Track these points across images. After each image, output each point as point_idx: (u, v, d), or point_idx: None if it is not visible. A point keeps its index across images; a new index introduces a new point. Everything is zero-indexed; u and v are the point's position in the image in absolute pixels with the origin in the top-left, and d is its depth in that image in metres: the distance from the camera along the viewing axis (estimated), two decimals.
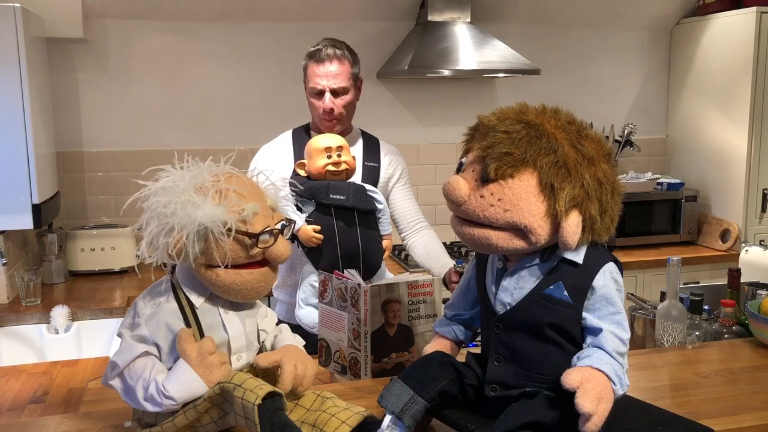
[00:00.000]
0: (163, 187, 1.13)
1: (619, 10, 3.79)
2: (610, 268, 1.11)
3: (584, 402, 0.98)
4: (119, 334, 1.17)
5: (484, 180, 1.07)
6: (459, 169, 1.14)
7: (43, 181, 2.68)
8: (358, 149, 2.22)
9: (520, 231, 1.07)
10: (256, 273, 1.15)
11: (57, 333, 2.50)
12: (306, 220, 1.94)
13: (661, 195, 3.65)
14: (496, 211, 1.06)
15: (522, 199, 1.05)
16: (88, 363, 2.02)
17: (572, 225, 1.05)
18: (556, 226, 1.06)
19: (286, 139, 2.23)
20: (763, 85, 3.45)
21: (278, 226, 1.17)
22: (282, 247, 1.16)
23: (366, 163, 2.20)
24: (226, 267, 1.12)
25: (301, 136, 2.20)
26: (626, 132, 3.87)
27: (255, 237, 1.12)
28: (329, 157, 1.94)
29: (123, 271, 3.12)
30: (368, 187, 2.03)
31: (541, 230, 1.06)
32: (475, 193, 1.08)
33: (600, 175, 1.07)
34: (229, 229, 1.10)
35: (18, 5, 2.49)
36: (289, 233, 1.20)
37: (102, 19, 3.18)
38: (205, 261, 1.13)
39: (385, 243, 2.05)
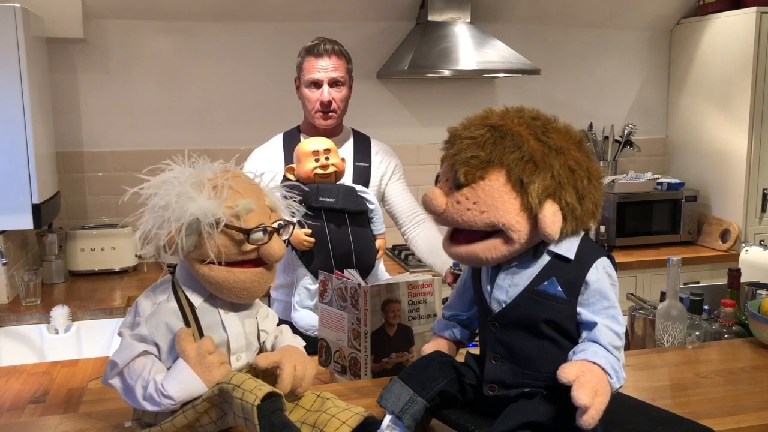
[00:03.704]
0: (163, 181, 1.14)
1: (619, 10, 3.79)
2: (603, 262, 1.11)
3: (580, 395, 0.98)
4: (120, 333, 1.17)
5: (457, 186, 1.09)
6: (437, 181, 1.16)
7: (43, 181, 2.68)
8: (348, 149, 2.22)
9: (501, 236, 1.08)
10: (249, 272, 1.15)
11: (57, 333, 2.50)
12: (297, 222, 1.94)
13: (661, 195, 3.65)
14: (474, 214, 1.08)
15: (495, 198, 1.07)
16: (88, 363, 2.02)
17: (548, 215, 1.06)
18: (534, 220, 1.07)
19: (276, 142, 2.24)
20: (763, 85, 3.45)
21: (274, 225, 1.16)
22: (276, 246, 1.15)
23: (356, 163, 2.20)
24: (220, 264, 1.12)
25: (292, 138, 2.21)
26: (626, 132, 3.87)
27: (246, 233, 1.12)
28: (317, 160, 1.95)
29: (123, 271, 3.12)
30: (358, 187, 2.02)
31: (520, 226, 1.07)
32: (451, 200, 1.10)
33: (572, 163, 1.09)
34: (219, 223, 1.09)
35: (18, 5, 2.49)
36: (287, 234, 1.20)
37: (102, 19, 3.18)
38: (198, 256, 1.13)
39: (378, 243, 2.05)
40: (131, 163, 3.24)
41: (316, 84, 2.14)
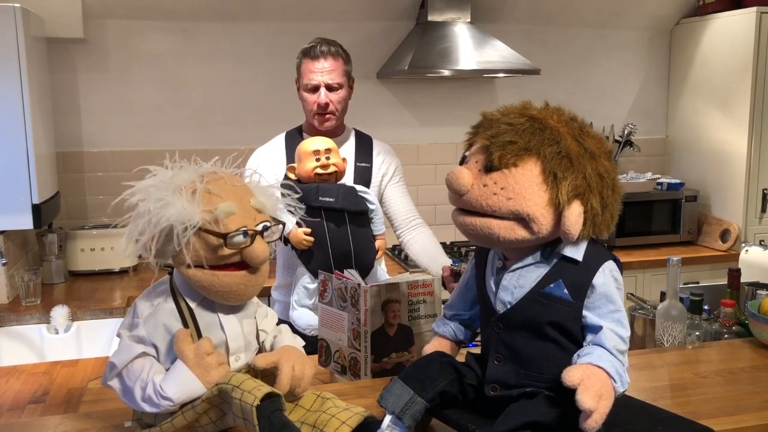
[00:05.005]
0: (146, 187, 1.13)
1: (619, 10, 3.79)
2: (609, 266, 1.11)
3: (585, 398, 0.98)
4: (118, 335, 1.17)
5: (488, 169, 1.07)
6: (462, 162, 1.15)
7: (43, 181, 2.68)
8: (349, 150, 2.22)
9: (522, 221, 1.07)
10: (234, 276, 1.13)
11: (57, 333, 2.50)
12: (296, 223, 1.94)
13: (661, 195, 3.65)
14: (499, 200, 1.06)
15: (525, 187, 1.05)
16: (88, 363, 2.02)
17: (574, 214, 1.05)
18: (558, 216, 1.06)
19: (279, 141, 2.24)
20: (763, 85, 3.45)
21: (258, 228, 1.15)
22: (258, 248, 1.13)
23: (358, 164, 2.20)
24: (203, 267, 1.11)
25: (294, 137, 2.21)
26: (626, 132, 3.87)
27: (224, 237, 1.11)
28: (317, 160, 1.95)
29: (123, 271, 3.12)
30: (359, 187, 2.03)
31: (544, 219, 1.06)
32: (478, 182, 1.08)
33: (601, 170, 1.08)
34: (196, 228, 1.08)
35: (18, 5, 2.49)
36: (276, 235, 1.18)
37: (102, 19, 3.18)
38: (180, 260, 1.12)
39: (378, 243, 2.05)
40: (131, 163, 3.20)
41: (314, 88, 2.14)
